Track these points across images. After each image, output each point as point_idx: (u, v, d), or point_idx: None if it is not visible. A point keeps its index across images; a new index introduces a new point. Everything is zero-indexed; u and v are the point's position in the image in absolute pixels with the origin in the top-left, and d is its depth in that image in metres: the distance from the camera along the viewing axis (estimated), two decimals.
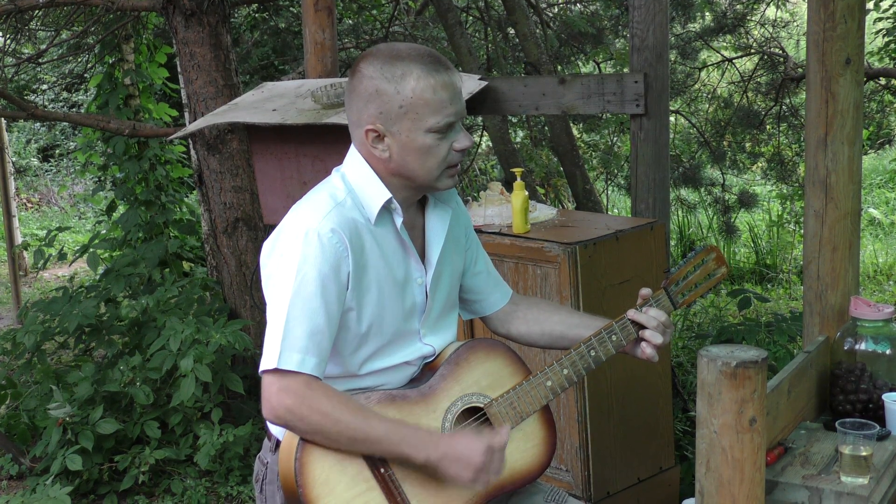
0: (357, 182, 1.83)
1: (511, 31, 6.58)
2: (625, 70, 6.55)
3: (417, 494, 1.80)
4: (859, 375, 2.20)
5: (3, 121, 7.73)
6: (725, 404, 1.59)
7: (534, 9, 6.25)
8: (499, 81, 3.68)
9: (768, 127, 6.57)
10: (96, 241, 5.60)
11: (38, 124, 12.76)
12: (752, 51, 6.82)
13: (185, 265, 6.03)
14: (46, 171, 13.11)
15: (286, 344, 1.70)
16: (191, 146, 5.08)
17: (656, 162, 3.23)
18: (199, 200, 5.09)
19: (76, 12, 6.12)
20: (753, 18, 6.87)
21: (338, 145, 3.30)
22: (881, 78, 5.98)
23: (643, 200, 3.28)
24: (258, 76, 7.99)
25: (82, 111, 10.26)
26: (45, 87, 11.86)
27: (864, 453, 1.84)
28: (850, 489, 1.82)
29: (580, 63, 7.04)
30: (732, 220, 6.70)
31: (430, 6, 6.48)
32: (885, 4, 6.17)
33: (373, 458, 1.78)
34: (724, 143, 6.84)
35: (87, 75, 7.75)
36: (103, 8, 5.01)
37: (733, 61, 7.07)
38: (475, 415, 1.90)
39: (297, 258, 1.72)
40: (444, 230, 1.92)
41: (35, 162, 13.12)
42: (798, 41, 9.13)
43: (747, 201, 6.57)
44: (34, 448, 4.15)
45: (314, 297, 1.72)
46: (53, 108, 11.76)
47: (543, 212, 3.29)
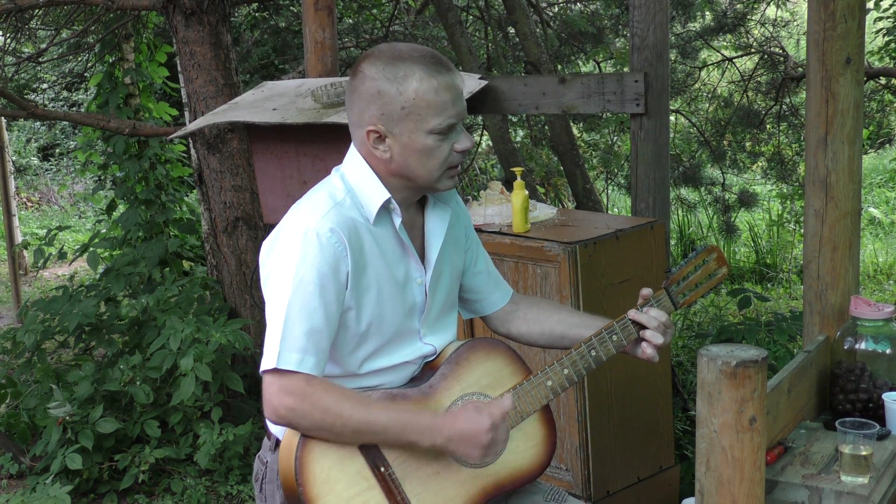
0: (356, 182, 1.83)
1: (511, 31, 6.59)
2: (625, 69, 6.54)
3: (417, 494, 1.80)
4: (859, 375, 2.20)
5: (4, 120, 7.72)
6: (725, 404, 1.59)
7: (534, 8, 6.25)
8: (499, 81, 3.68)
9: (768, 126, 6.58)
10: (96, 241, 5.60)
11: (39, 123, 12.76)
12: (753, 50, 6.82)
13: (185, 264, 6.02)
14: (46, 171, 13.11)
15: (285, 344, 1.71)
16: (191, 145, 5.07)
17: (656, 161, 3.23)
18: (199, 199, 5.08)
19: (76, 11, 6.11)
20: (753, 18, 6.88)
21: (338, 144, 3.30)
22: (881, 77, 5.98)
23: (643, 200, 3.28)
24: (258, 75, 7.97)
25: (82, 110, 10.25)
26: (46, 87, 11.85)
27: (864, 453, 1.85)
28: (850, 488, 1.82)
29: (580, 62, 7.04)
30: (732, 220, 6.70)
31: (431, 5, 6.48)
32: (885, 4, 6.16)
33: (373, 458, 1.78)
34: (725, 143, 6.85)
35: (88, 74, 7.73)
36: (103, 7, 5.00)
37: (733, 61, 7.07)
38: None
39: (296, 258, 1.72)
40: (444, 230, 1.92)
41: (35, 161, 13.12)
42: (798, 40, 9.13)
43: (747, 201, 6.57)
44: (34, 447, 4.15)
45: (313, 297, 1.72)
46: (53, 108, 11.76)
47: (543, 211, 3.28)
